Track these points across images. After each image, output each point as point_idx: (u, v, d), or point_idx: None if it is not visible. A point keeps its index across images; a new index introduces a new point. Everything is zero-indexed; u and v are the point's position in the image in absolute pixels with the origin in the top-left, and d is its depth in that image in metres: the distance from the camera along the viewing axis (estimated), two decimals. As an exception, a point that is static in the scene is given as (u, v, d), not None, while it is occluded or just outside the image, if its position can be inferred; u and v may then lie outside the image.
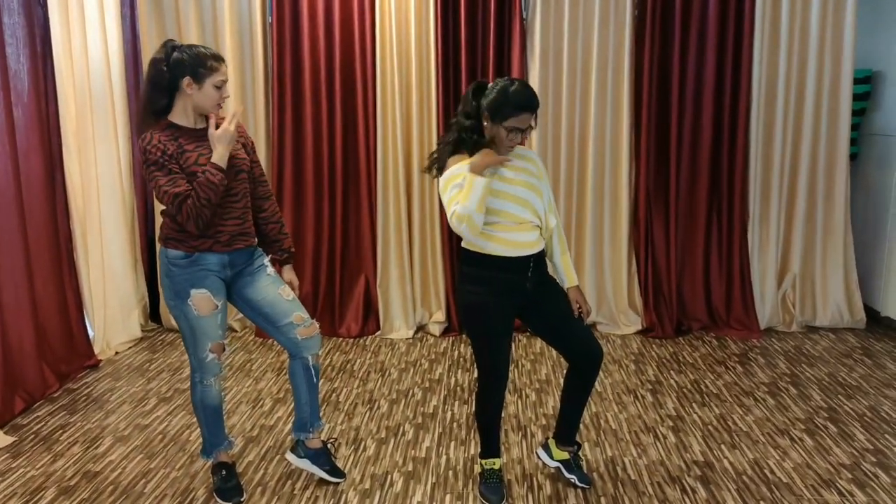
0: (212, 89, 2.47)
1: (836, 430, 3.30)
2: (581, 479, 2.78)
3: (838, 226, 4.64)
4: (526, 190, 2.53)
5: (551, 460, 2.84)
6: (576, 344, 2.66)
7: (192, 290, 2.54)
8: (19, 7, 3.59)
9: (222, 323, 2.64)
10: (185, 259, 2.54)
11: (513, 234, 2.51)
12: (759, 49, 4.42)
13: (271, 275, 2.73)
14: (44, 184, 3.79)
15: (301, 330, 2.70)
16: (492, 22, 4.42)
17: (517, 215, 2.51)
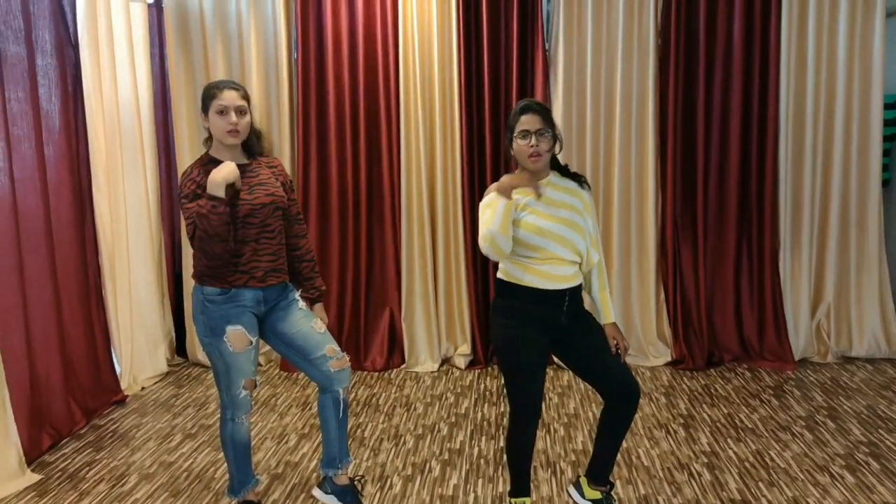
0: (215, 117, 2.49)
1: (879, 466, 3.18)
2: None
3: (872, 254, 4.53)
4: (567, 228, 2.48)
5: (583, 499, 2.76)
6: (611, 381, 2.58)
7: (227, 326, 2.54)
8: (52, 49, 3.67)
9: (255, 359, 2.64)
10: (221, 295, 2.54)
11: (550, 267, 2.47)
12: (785, 75, 4.38)
13: (303, 308, 2.73)
14: (73, 219, 3.84)
15: (333, 362, 2.69)
16: (515, 54, 4.44)
17: (555, 253, 2.47)
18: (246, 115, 2.53)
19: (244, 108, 2.52)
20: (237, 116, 2.50)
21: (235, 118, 2.49)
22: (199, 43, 4.56)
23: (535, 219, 2.45)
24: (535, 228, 2.44)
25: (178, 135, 4.62)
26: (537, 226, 2.44)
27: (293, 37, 4.59)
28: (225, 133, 2.50)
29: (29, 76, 3.50)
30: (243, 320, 2.56)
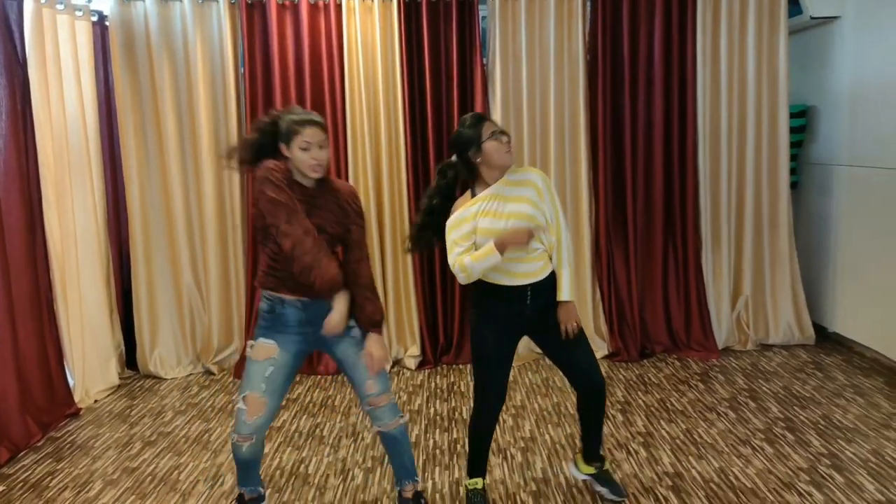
0: (299, 152, 2.53)
1: (794, 437, 3.54)
2: (612, 492, 2.93)
3: (784, 250, 4.96)
4: (522, 222, 2.60)
5: (580, 473, 3.01)
6: (577, 373, 2.80)
7: (261, 337, 2.65)
8: (2, 69, 3.72)
9: (270, 379, 2.62)
10: (269, 314, 2.65)
11: (509, 265, 2.63)
12: (702, 90, 4.77)
13: (355, 337, 2.72)
14: (25, 236, 3.87)
15: (371, 399, 2.71)
16: (455, 68, 4.69)
17: (516, 256, 2.62)
18: (325, 148, 2.58)
19: (325, 144, 2.57)
20: (318, 151, 2.54)
21: (316, 153, 2.54)
22: (145, 59, 4.63)
23: (490, 221, 2.61)
24: (490, 232, 2.60)
25: (125, 152, 4.67)
26: (491, 229, 2.60)
27: (240, 51, 4.72)
28: (308, 168, 2.54)
29: (-21, 94, 3.54)
30: (278, 338, 2.64)
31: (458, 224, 2.65)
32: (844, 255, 4.85)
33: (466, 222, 2.65)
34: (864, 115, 4.59)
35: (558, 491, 2.98)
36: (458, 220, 2.66)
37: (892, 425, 3.64)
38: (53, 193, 4.15)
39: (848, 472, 3.17)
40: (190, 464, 3.48)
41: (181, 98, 4.69)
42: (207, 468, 3.43)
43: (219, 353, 4.88)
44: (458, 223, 2.66)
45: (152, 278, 4.79)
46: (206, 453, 3.59)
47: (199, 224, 4.80)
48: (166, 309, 4.84)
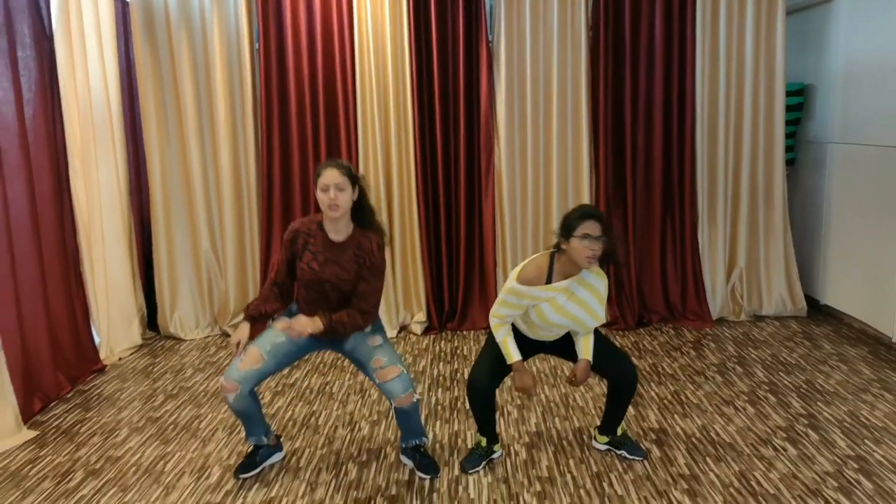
0: (319, 193, 2.82)
1: (776, 399, 3.75)
2: (630, 452, 3.14)
3: (778, 224, 5.14)
4: (571, 322, 2.91)
5: (599, 445, 3.26)
6: (609, 374, 3.09)
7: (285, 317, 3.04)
8: (31, 42, 3.93)
9: (278, 345, 2.93)
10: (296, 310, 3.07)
11: (536, 330, 3.02)
12: (700, 67, 4.93)
13: (365, 330, 3.00)
14: (54, 202, 4.12)
15: (379, 373, 2.89)
16: (461, 47, 4.87)
17: (551, 332, 2.98)
18: (345, 191, 2.81)
19: (343, 186, 2.81)
20: (335, 193, 2.79)
21: (334, 194, 2.79)
22: (164, 36, 4.84)
23: (550, 310, 2.87)
24: (544, 319, 2.90)
25: (146, 123, 4.90)
26: (548, 319, 2.89)
27: (254, 29, 4.92)
28: (326, 207, 2.82)
29: (11, 67, 3.76)
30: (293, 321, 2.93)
31: (523, 295, 2.86)
32: (836, 230, 5.01)
33: (531, 300, 2.87)
34: (858, 94, 4.73)
35: (564, 492, 2.89)
36: (526, 293, 2.85)
37: (871, 390, 3.84)
38: (80, 162, 4.39)
39: (823, 431, 3.38)
40: (209, 415, 3.74)
41: (199, 72, 4.90)
42: (225, 418, 3.69)
43: (235, 317, 5.14)
44: (523, 295, 2.86)
45: (172, 245, 5.03)
46: (224, 406, 3.85)
47: (217, 193, 5.04)
48: (185, 274, 5.09)
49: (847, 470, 3.01)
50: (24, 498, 2.96)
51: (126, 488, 3.02)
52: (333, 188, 2.80)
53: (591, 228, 2.73)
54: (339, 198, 2.80)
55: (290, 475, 3.10)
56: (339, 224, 2.90)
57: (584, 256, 2.75)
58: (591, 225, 2.74)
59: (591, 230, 2.73)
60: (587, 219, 2.75)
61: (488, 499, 2.87)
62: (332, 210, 2.82)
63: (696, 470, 3.04)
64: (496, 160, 5.04)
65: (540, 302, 2.87)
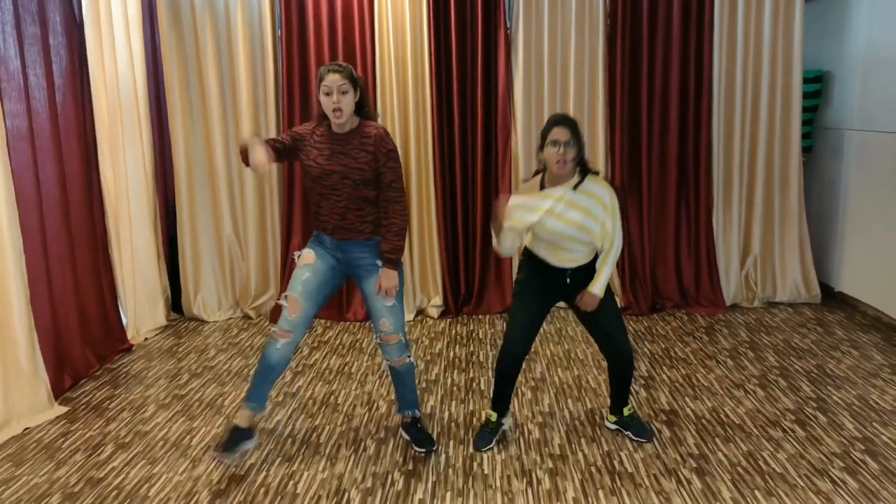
0: (323, 97, 2.90)
1: (786, 383, 3.81)
2: (637, 435, 3.23)
3: (793, 211, 5.16)
4: (577, 230, 2.93)
5: (610, 423, 3.35)
6: (608, 344, 3.15)
7: (306, 248, 3.12)
8: (62, 29, 4.05)
9: (306, 283, 2.99)
10: (315, 233, 3.13)
11: (558, 252, 3.01)
12: (718, 54, 4.95)
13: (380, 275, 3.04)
14: (83, 184, 4.25)
15: (382, 336, 3.05)
16: (479, 33, 4.92)
17: (563, 245, 2.98)
18: (348, 93, 2.88)
19: (346, 89, 2.87)
20: (338, 96, 2.86)
21: (337, 98, 2.86)
22: (189, 21, 4.93)
23: (553, 222, 2.93)
24: (551, 232, 2.95)
25: (171, 107, 5.01)
26: (552, 230, 2.94)
27: (277, 15, 5.00)
28: (330, 111, 2.90)
29: (43, 55, 3.88)
30: (318, 250, 3.07)
31: (526, 209, 2.95)
32: (853, 218, 5.03)
33: (533, 213, 2.94)
34: (876, 81, 4.73)
35: (576, 468, 2.99)
36: (528, 206, 2.95)
37: (882, 375, 3.89)
38: (107, 145, 4.51)
39: (832, 414, 3.44)
40: (232, 393, 3.87)
41: (223, 58, 5.00)
42: (248, 396, 3.81)
43: (256, 299, 5.26)
44: (527, 208, 2.95)
45: (196, 228, 5.16)
46: (247, 384, 3.96)
47: (239, 177, 5.15)
48: (208, 257, 5.22)
49: (854, 451, 3.08)
50: (57, 469, 3.10)
51: (154, 461, 3.15)
52: (336, 91, 2.86)
53: (559, 134, 2.86)
54: (342, 101, 2.88)
55: (310, 450, 3.22)
56: (343, 124, 2.99)
57: (554, 161, 2.88)
58: (558, 131, 2.86)
59: (558, 136, 2.86)
60: (554, 125, 2.88)
61: (502, 474, 2.97)
62: (336, 115, 2.90)
63: (705, 450, 3.12)
64: (513, 145, 5.10)
65: (541, 215, 2.93)
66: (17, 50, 3.65)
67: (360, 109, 3.02)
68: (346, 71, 2.91)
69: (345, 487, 2.90)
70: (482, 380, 3.98)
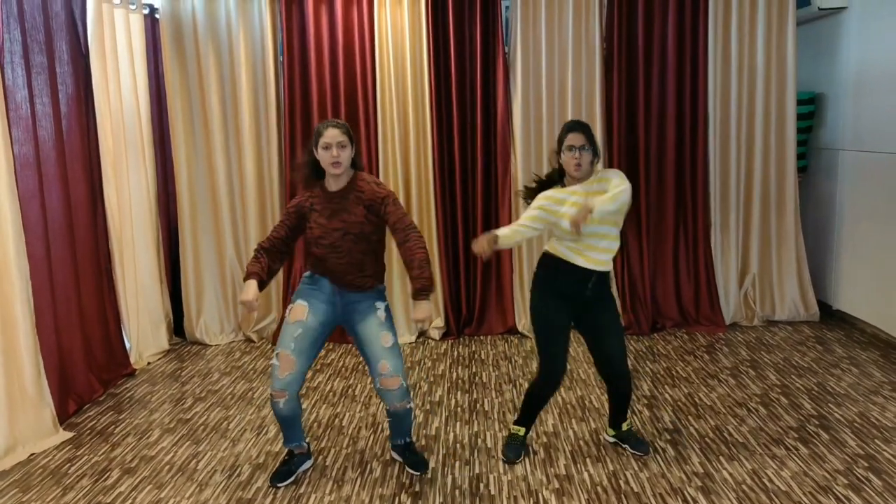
0: (322, 151, 2.96)
1: (787, 401, 3.84)
2: (635, 448, 3.28)
3: (790, 230, 5.23)
4: (599, 225, 2.97)
5: (608, 437, 3.40)
6: (608, 362, 3.17)
7: (297, 300, 3.07)
8: (68, 58, 4.11)
9: (298, 340, 2.98)
10: (309, 278, 3.09)
11: (588, 251, 3.03)
12: (713, 77, 5.04)
13: (380, 318, 3.04)
14: (88, 211, 4.28)
15: (382, 379, 3.00)
16: (478, 57, 5.01)
17: (592, 244, 3.02)
18: (346, 148, 2.96)
19: (345, 143, 2.96)
20: (337, 150, 2.94)
21: (336, 152, 2.94)
22: (192, 49, 5.01)
23: (573, 211, 2.95)
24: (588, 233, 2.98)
25: (174, 134, 5.07)
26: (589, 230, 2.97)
27: (279, 41, 5.08)
28: (329, 164, 2.96)
29: (50, 83, 3.93)
30: (311, 301, 3.04)
31: (548, 199, 3.04)
32: (848, 236, 5.09)
33: (553, 203, 3.01)
34: (868, 102, 4.82)
35: (582, 488, 2.99)
36: (550, 197, 3.05)
37: (882, 392, 3.92)
38: (112, 171, 4.55)
39: (834, 431, 3.46)
40: (237, 416, 3.88)
41: (225, 85, 5.07)
42: (253, 420, 3.83)
43: (258, 323, 5.28)
44: (548, 199, 3.04)
45: (198, 252, 5.19)
46: (251, 408, 3.99)
47: (241, 202, 5.19)
48: (211, 280, 5.25)
49: (857, 468, 3.10)
50: (64, 495, 3.10)
51: (161, 486, 3.16)
52: (336, 146, 2.94)
53: (574, 140, 2.99)
54: (342, 155, 2.96)
55: (317, 473, 3.23)
56: (339, 179, 3.04)
57: (572, 166, 3.00)
58: (573, 137, 3.00)
59: (573, 141, 2.99)
60: (570, 132, 3.01)
61: (509, 495, 2.98)
62: (335, 168, 2.97)
63: (710, 468, 3.14)
64: (512, 167, 5.17)
65: (562, 207, 2.99)
66: (24, 79, 3.71)
67: (353, 162, 3.11)
68: (344, 127, 3.00)
69: (352, 510, 2.91)
70: (486, 401, 4.00)
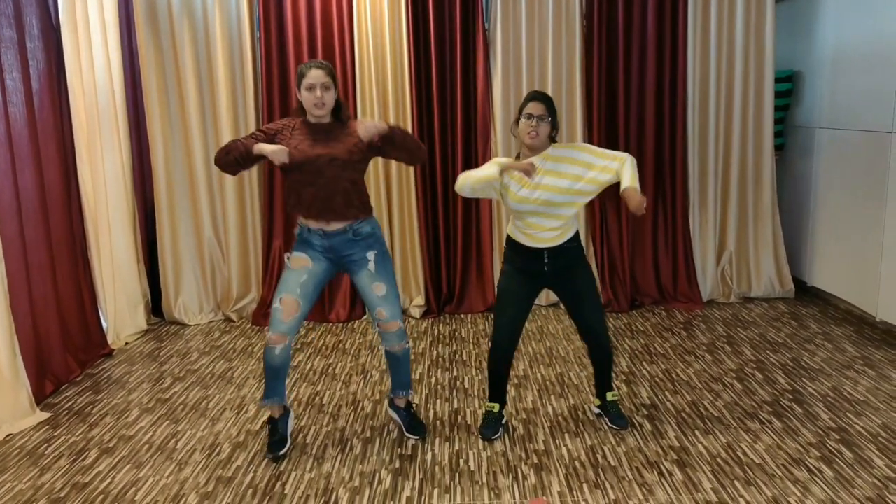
0: (305, 93, 2.97)
1: (762, 376, 3.90)
2: (613, 422, 3.33)
3: (767, 208, 5.28)
4: (552, 193, 2.98)
5: (594, 407, 3.46)
6: (587, 333, 3.24)
7: (295, 251, 3.11)
8: (38, 32, 4.02)
9: (304, 284, 3.04)
10: (300, 234, 3.12)
11: (532, 231, 3.04)
12: (691, 54, 5.04)
13: (371, 270, 3.11)
14: (62, 190, 4.21)
15: (381, 324, 3.15)
16: (458, 35, 4.97)
17: (534, 222, 3.03)
18: (330, 90, 2.97)
19: (328, 85, 2.96)
20: (321, 91, 2.95)
21: (320, 93, 2.95)
22: (167, 23, 4.91)
23: (527, 192, 2.99)
24: (517, 198, 3.01)
25: (150, 111, 4.98)
26: (519, 196, 3.01)
27: (255, 18, 5.00)
28: (312, 105, 2.97)
29: (20, 58, 3.85)
30: (309, 252, 3.08)
31: (496, 163, 2.96)
32: (823, 213, 5.15)
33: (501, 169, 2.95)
34: (844, 81, 4.85)
35: (560, 463, 3.03)
36: (498, 162, 2.98)
37: (854, 366, 3.99)
38: (86, 151, 4.48)
39: (807, 405, 3.53)
40: (216, 395, 3.87)
41: (201, 61, 4.99)
42: (232, 398, 3.82)
43: (238, 302, 5.26)
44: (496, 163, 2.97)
45: (176, 232, 5.14)
46: (231, 387, 3.98)
47: (219, 181, 5.14)
48: (189, 260, 5.20)
49: (829, 441, 3.16)
50: (42, 475, 3.08)
51: (140, 465, 3.15)
52: (320, 87, 2.96)
53: (534, 108, 2.98)
54: (326, 96, 2.97)
55: (297, 451, 3.23)
56: (322, 119, 3.05)
57: (525, 133, 3.00)
58: (534, 105, 2.99)
59: (532, 110, 2.98)
60: (531, 101, 3.01)
61: (488, 470, 3.01)
62: (318, 108, 2.98)
63: (686, 442, 3.19)
64: (493, 145, 5.15)
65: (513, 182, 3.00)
66: (-7, 54, 3.63)
67: (337, 112, 3.10)
68: (327, 68, 3.01)
69: (332, 487, 2.93)
70: (466, 378, 4.02)
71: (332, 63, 4.98)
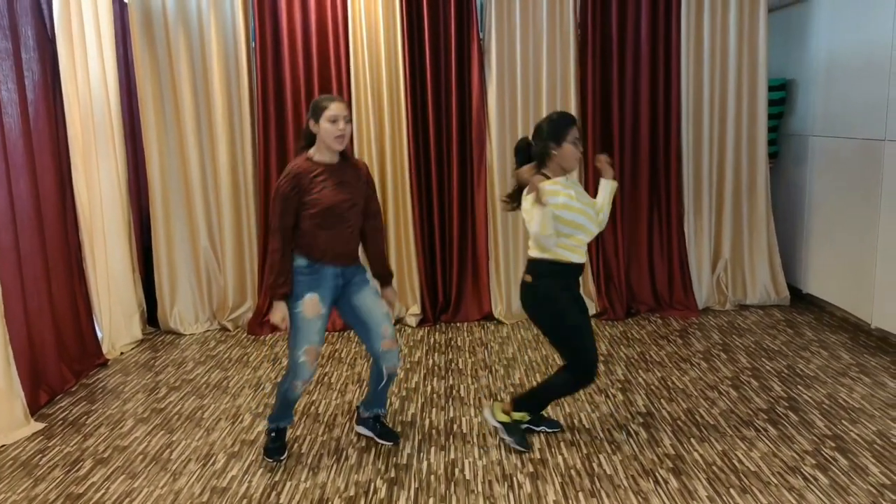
0: (327, 124, 2.92)
1: (758, 384, 3.90)
2: (550, 426, 3.38)
3: (761, 216, 5.29)
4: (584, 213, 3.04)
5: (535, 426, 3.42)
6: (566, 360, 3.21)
7: (307, 294, 3.00)
8: (34, 43, 4.03)
9: (321, 332, 3.03)
10: (308, 268, 3.01)
11: (582, 246, 3.08)
12: (685, 64, 5.07)
13: (374, 289, 3.18)
14: (57, 200, 4.21)
15: (384, 342, 3.14)
16: (453, 44, 4.99)
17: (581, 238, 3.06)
18: (350, 123, 2.98)
19: (349, 118, 2.97)
20: (344, 124, 2.93)
21: (343, 126, 2.93)
22: (162, 34, 4.93)
23: (573, 215, 2.99)
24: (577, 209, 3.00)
25: (145, 121, 4.99)
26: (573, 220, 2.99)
27: (251, 27, 5.02)
28: (334, 139, 2.93)
29: (15, 69, 3.85)
30: (319, 291, 3.01)
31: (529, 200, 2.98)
32: (818, 221, 5.17)
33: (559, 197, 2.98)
34: (838, 89, 4.88)
35: (556, 472, 3.03)
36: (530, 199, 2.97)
37: (849, 374, 4.00)
38: (81, 161, 4.48)
39: (802, 412, 3.53)
40: (212, 405, 3.86)
41: (196, 71, 5.00)
42: (228, 409, 3.81)
43: (233, 311, 5.25)
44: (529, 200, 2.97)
45: (171, 241, 5.14)
46: (226, 397, 3.97)
47: (215, 190, 5.14)
48: (184, 270, 5.20)
49: (824, 448, 3.16)
50: (35, 485, 3.07)
51: (134, 475, 3.14)
52: (342, 119, 2.93)
53: (577, 133, 3.04)
54: (347, 129, 2.97)
55: (292, 460, 3.22)
56: (333, 153, 3.02)
57: (575, 158, 3.03)
58: (576, 130, 3.04)
59: (578, 134, 3.04)
60: (574, 125, 3.03)
61: (483, 479, 3.00)
62: (339, 142, 2.96)
63: (681, 450, 3.18)
64: (488, 154, 5.17)
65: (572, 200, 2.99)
66: (-12, 65, 3.63)
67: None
68: (345, 101, 3.02)
69: (328, 497, 2.92)
70: (461, 387, 4.02)
71: (327, 73, 5.00)
